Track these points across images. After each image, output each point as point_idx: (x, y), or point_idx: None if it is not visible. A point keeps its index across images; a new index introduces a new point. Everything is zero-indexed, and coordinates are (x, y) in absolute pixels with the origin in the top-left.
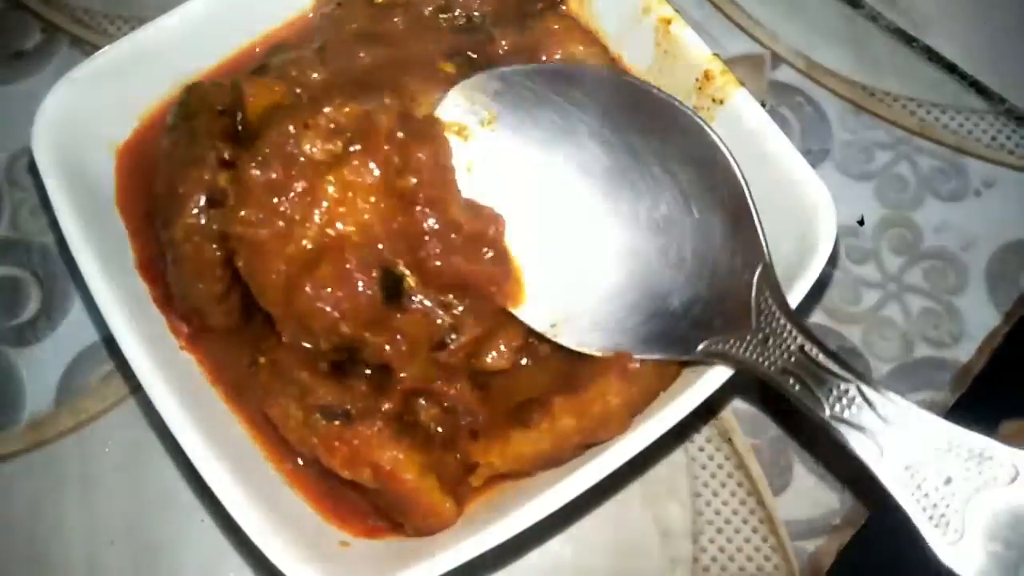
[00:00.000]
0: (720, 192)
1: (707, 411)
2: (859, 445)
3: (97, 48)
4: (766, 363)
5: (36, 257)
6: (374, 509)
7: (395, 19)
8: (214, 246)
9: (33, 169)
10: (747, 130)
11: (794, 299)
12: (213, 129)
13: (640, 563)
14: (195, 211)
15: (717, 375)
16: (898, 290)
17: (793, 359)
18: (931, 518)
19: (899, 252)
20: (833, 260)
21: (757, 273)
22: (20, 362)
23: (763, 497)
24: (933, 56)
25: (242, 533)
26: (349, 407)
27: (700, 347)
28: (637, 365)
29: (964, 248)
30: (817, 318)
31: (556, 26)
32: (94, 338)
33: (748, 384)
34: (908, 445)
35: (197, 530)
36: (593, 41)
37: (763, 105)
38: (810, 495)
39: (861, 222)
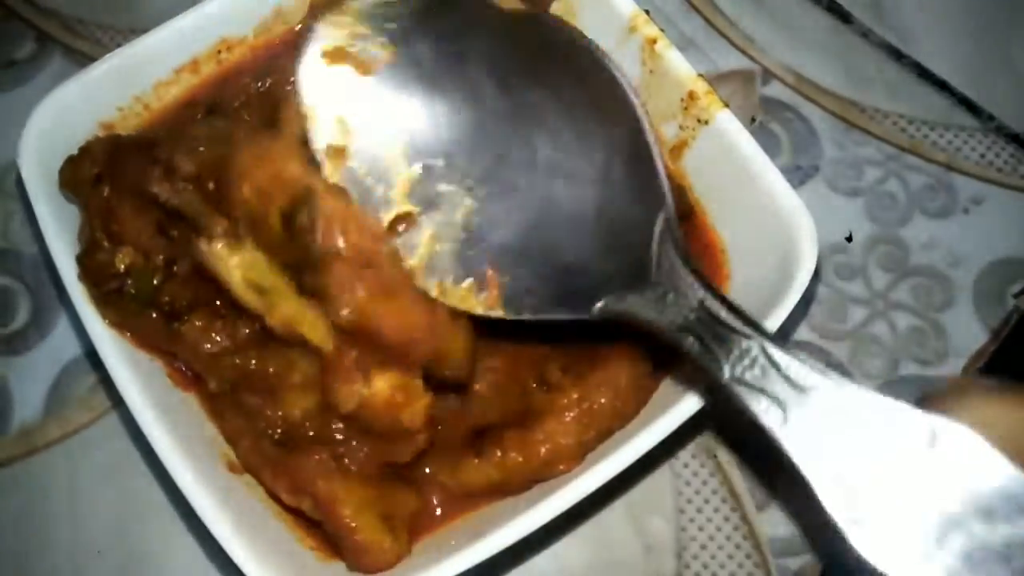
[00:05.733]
0: (620, 133)
1: (692, 427)
2: (760, 409)
3: (90, 58)
4: (665, 320)
5: (27, 267)
6: (326, 537)
7: None
8: (152, 314)
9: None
10: (730, 151)
11: (773, 323)
12: (92, 204)
13: None
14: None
15: (681, 409)
16: (885, 307)
17: (693, 315)
18: (837, 490)
19: (887, 269)
20: (820, 277)
21: (658, 223)
22: (9, 372)
23: (747, 514)
24: (923, 73)
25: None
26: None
27: (597, 307)
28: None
29: (952, 265)
30: (804, 335)
31: None
32: (82, 349)
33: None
34: (815, 410)
35: (185, 542)
36: None
37: (754, 121)
38: (794, 512)
39: (849, 239)
